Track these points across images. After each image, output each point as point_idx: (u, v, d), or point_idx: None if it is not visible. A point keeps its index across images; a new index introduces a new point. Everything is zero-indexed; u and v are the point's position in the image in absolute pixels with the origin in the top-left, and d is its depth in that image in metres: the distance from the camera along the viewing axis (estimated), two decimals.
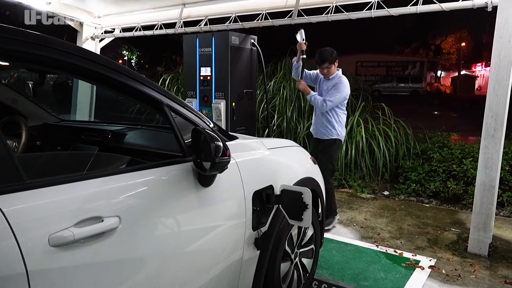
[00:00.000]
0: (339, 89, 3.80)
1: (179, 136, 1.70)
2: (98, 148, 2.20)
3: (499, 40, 3.32)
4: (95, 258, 1.28)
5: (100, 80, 1.54)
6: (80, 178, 1.30)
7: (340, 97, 3.81)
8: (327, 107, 3.81)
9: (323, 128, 3.96)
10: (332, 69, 3.86)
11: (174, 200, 1.60)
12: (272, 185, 2.19)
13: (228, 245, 1.89)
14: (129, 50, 39.53)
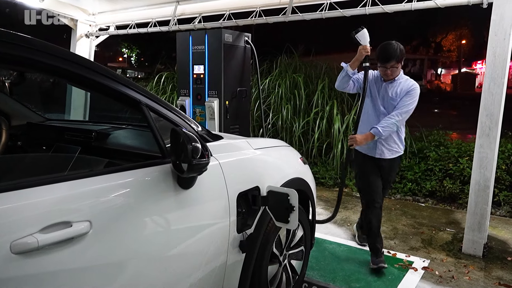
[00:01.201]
0: (414, 96, 2.97)
1: (158, 136, 1.65)
2: (80, 149, 2.14)
3: (494, 38, 3.27)
4: (63, 265, 1.23)
5: (74, 79, 1.48)
6: (48, 181, 1.25)
7: (413, 107, 2.99)
8: (402, 121, 3.02)
9: (391, 144, 3.12)
10: (399, 69, 3.01)
11: (151, 203, 1.55)
12: (258, 186, 2.14)
13: (210, 249, 1.84)
14: (129, 48, 39.48)
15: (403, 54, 2.95)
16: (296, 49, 7.22)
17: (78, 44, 6.55)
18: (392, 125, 2.94)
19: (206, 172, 1.79)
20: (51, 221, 1.20)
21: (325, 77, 6.47)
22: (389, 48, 2.94)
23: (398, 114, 2.96)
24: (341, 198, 3.38)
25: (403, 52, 2.96)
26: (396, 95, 3.01)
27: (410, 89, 2.97)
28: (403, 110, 2.95)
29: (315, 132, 5.91)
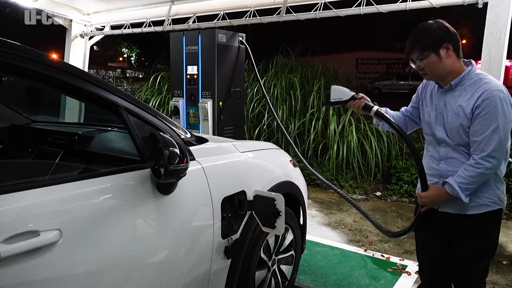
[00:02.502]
0: (497, 114, 1.68)
1: (137, 140, 1.60)
2: (62, 152, 2.09)
3: (489, 38, 3.21)
4: (29, 277, 1.18)
5: (47, 82, 1.43)
6: (12, 189, 1.20)
7: (503, 137, 1.70)
8: (492, 168, 1.74)
9: (477, 191, 1.81)
10: (442, 62, 1.77)
11: (128, 209, 1.50)
12: (244, 190, 2.09)
13: (193, 256, 1.79)
14: (129, 48, 39.45)
15: (441, 36, 1.77)
16: (293, 49, 7.18)
17: (73, 44, 6.51)
18: (477, 177, 1.73)
19: (188, 177, 1.74)
20: (15, 230, 1.15)
21: (321, 78, 6.43)
22: (415, 32, 1.84)
23: (484, 158, 1.70)
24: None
25: (444, 32, 1.78)
26: (462, 111, 1.76)
27: (486, 106, 1.68)
28: (488, 149, 1.69)
29: (311, 133, 5.86)
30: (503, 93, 1.70)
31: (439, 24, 1.82)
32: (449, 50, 1.77)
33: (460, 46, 1.82)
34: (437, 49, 1.77)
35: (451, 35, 1.80)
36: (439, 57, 1.78)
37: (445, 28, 1.81)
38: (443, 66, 1.80)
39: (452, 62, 1.80)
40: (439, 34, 1.79)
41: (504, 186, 1.87)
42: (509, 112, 1.70)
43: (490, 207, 1.82)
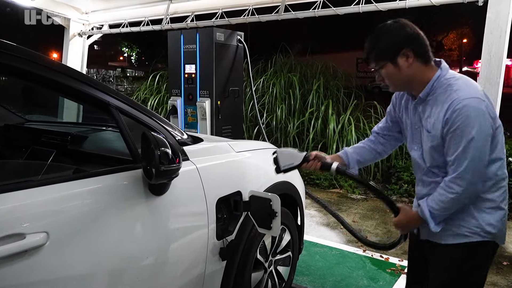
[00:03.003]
0: (467, 130, 1.39)
1: (129, 140, 1.57)
2: (55, 152, 2.06)
3: (489, 36, 3.17)
4: (14, 281, 1.15)
5: (36, 81, 1.40)
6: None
7: (477, 155, 1.40)
8: (464, 192, 1.44)
9: (459, 215, 1.53)
10: (402, 72, 1.51)
11: (119, 211, 1.47)
12: (240, 190, 2.06)
13: (187, 258, 1.76)
14: (129, 47, 39.43)
15: (397, 42, 1.50)
16: (292, 48, 7.15)
17: (71, 43, 6.49)
18: (448, 202, 1.46)
19: (181, 177, 1.71)
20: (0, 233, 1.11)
21: (321, 77, 6.39)
22: (371, 36, 1.58)
23: (453, 181, 1.44)
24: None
25: (401, 36, 1.50)
26: (433, 127, 1.50)
27: (453, 115, 1.41)
28: (458, 170, 1.42)
29: (310, 132, 5.83)
30: (477, 101, 1.39)
31: (396, 26, 1.53)
32: (409, 58, 1.49)
33: (426, 49, 1.53)
34: (394, 58, 1.50)
35: (412, 38, 1.50)
36: (396, 66, 1.50)
37: (403, 30, 1.51)
38: (403, 77, 1.52)
39: (414, 70, 1.51)
40: (395, 39, 1.51)
41: (494, 215, 1.49)
42: (486, 123, 1.38)
43: (468, 238, 1.50)
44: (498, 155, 1.49)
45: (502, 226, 1.53)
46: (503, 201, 1.53)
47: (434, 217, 1.51)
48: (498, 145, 1.47)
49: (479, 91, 1.44)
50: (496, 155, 1.48)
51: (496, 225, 1.50)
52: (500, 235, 1.53)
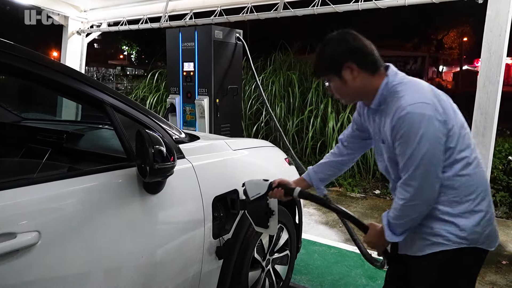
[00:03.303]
0: (412, 138, 1.33)
1: (124, 138, 1.55)
2: (50, 151, 2.04)
3: (489, 34, 3.15)
4: (5, 280, 1.13)
5: (28, 78, 1.39)
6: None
7: (424, 162, 1.34)
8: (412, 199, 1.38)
9: (427, 223, 1.46)
10: (349, 85, 1.48)
11: (113, 209, 1.45)
12: (236, 189, 2.05)
13: (182, 257, 1.74)
14: (129, 45, 39.37)
15: (339, 56, 1.46)
16: (291, 46, 7.12)
17: (70, 41, 6.46)
18: (401, 210, 1.41)
19: (177, 176, 1.70)
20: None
21: None
22: (316, 50, 1.55)
23: (402, 187, 1.41)
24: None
25: (343, 50, 1.46)
26: (386, 137, 1.47)
27: (401, 125, 1.36)
28: (405, 176, 1.39)
29: (309, 130, 5.81)
30: (421, 106, 1.33)
31: (338, 39, 1.49)
32: (354, 71, 1.45)
33: (371, 59, 1.47)
34: (338, 72, 1.46)
35: (354, 51, 1.45)
36: (342, 80, 1.47)
37: (344, 44, 1.46)
38: (351, 89, 1.48)
39: (361, 82, 1.46)
40: (337, 53, 1.47)
41: (470, 219, 1.39)
42: (433, 128, 1.32)
43: (445, 246, 1.41)
44: (461, 155, 1.40)
45: (482, 229, 1.41)
46: (481, 203, 1.41)
47: (393, 226, 1.46)
48: (458, 146, 1.39)
49: (426, 94, 1.38)
50: (459, 156, 1.40)
51: (473, 229, 1.39)
52: (481, 239, 1.41)
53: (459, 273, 1.46)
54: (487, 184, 1.47)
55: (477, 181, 1.42)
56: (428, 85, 1.45)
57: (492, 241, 1.46)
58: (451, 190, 1.40)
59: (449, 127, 1.37)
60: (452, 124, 1.38)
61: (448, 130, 1.37)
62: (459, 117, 1.44)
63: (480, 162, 1.46)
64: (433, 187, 1.37)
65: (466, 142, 1.41)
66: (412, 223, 1.43)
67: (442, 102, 1.39)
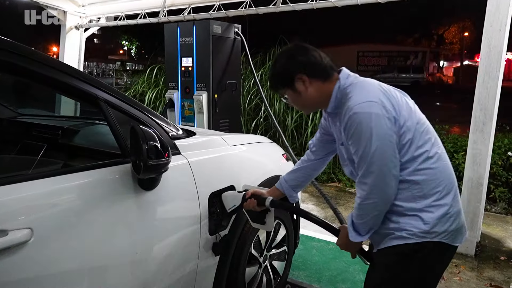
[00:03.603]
0: (362, 137, 1.35)
1: (118, 134, 1.54)
2: (45, 146, 2.03)
3: (489, 29, 3.13)
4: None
5: (19, 73, 1.37)
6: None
7: (376, 160, 1.35)
8: (368, 197, 1.40)
9: (389, 217, 1.46)
10: (304, 95, 1.52)
11: (107, 206, 1.44)
12: (233, 185, 2.04)
13: (178, 253, 1.73)
14: (129, 40, 39.25)
15: (288, 70, 1.51)
16: (291, 41, 7.07)
17: (68, 36, 6.43)
18: (360, 209, 1.44)
19: (173, 172, 1.69)
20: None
21: None
22: (272, 68, 1.63)
23: (358, 185, 1.45)
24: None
25: (291, 64, 1.51)
26: (344, 136, 1.48)
27: (351, 124, 1.37)
28: (359, 175, 1.41)
29: (308, 126, 5.79)
30: (368, 105, 1.34)
31: (286, 55, 1.55)
32: (305, 81, 1.50)
33: (321, 67, 1.51)
34: (291, 85, 1.52)
35: (302, 63, 1.49)
36: (296, 91, 1.52)
37: (292, 57, 1.52)
38: (306, 99, 1.53)
39: (315, 90, 1.51)
40: (286, 68, 1.52)
41: (435, 213, 1.39)
42: (381, 126, 1.33)
43: (406, 240, 1.41)
44: (419, 151, 1.39)
45: (446, 223, 1.39)
46: (445, 197, 1.40)
47: (356, 226, 1.47)
48: (415, 142, 1.39)
49: (373, 93, 1.39)
50: (417, 152, 1.39)
51: (437, 223, 1.38)
52: (445, 233, 1.40)
53: (419, 266, 1.45)
54: (452, 178, 1.46)
55: (439, 175, 1.41)
56: (378, 84, 1.46)
57: (457, 236, 1.45)
58: (414, 185, 1.40)
59: (400, 124, 1.38)
60: (404, 120, 1.38)
61: (399, 127, 1.37)
62: (415, 113, 1.46)
63: (442, 156, 1.45)
64: (387, 184, 1.37)
65: (424, 137, 1.42)
66: (374, 221, 1.45)
67: (392, 99, 1.40)
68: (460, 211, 1.47)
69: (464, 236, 1.50)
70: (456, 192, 1.47)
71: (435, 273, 1.51)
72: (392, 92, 1.45)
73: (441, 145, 1.49)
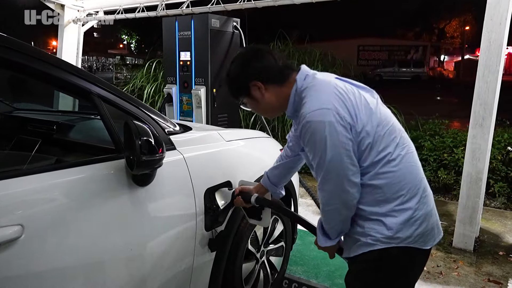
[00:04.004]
0: (316, 145, 1.31)
1: (112, 129, 1.52)
2: (40, 141, 2.01)
3: (489, 22, 3.10)
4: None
5: (11, 67, 1.35)
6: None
7: (331, 167, 1.31)
8: (328, 203, 1.38)
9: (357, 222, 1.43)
10: (263, 101, 1.50)
11: (100, 202, 1.42)
12: (229, 181, 2.02)
13: (173, 250, 1.71)
14: (128, 34, 39.13)
15: (242, 78, 1.48)
16: (290, 35, 7.04)
17: (66, 30, 6.39)
18: (323, 216, 1.44)
19: (168, 167, 1.68)
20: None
21: (319, 64, 6.29)
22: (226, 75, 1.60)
23: (319, 193, 1.40)
24: None
25: (243, 72, 1.48)
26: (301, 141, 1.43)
27: (305, 131, 1.33)
28: (320, 182, 1.37)
29: None
30: (321, 113, 1.29)
31: (239, 62, 1.50)
32: (261, 88, 1.46)
33: (276, 71, 1.45)
34: (248, 93, 1.49)
35: (256, 69, 1.45)
36: (254, 99, 1.50)
37: (245, 65, 1.47)
38: (265, 105, 1.50)
39: (272, 95, 1.47)
40: (241, 76, 1.48)
41: (399, 218, 1.34)
42: (336, 134, 1.27)
43: (372, 246, 1.37)
44: (381, 155, 1.34)
45: (411, 228, 1.35)
46: (410, 200, 1.35)
47: (327, 230, 1.46)
48: (376, 146, 1.33)
49: (327, 99, 1.32)
50: (379, 156, 1.34)
51: (401, 228, 1.34)
52: (411, 238, 1.35)
53: (388, 273, 1.41)
54: (418, 180, 1.39)
55: (403, 178, 1.35)
56: (334, 86, 1.37)
57: (428, 239, 1.39)
58: (376, 190, 1.35)
59: (358, 130, 1.32)
60: (362, 125, 1.32)
61: (357, 133, 1.32)
62: (376, 113, 1.37)
63: (406, 157, 1.38)
64: (346, 191, 1.33)
65: (387, 139, 1.35)
66: (342, 226, 1.43)
67: (348, 103, 1.33)
68: (428, 214, 1.39)
69: (436, 238, 1.43)
70: (424, 194, 1.39)
71: (408, 280, 1.47)
72: (350, 94, 1.36)
73: (408, 144, 1.42)
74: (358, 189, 1.35)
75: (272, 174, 1.84)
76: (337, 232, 1.45)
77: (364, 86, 1.47)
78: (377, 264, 1.39)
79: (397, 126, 1.42)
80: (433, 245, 1.43)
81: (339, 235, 1.47)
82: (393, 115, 1.47)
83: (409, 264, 1.42)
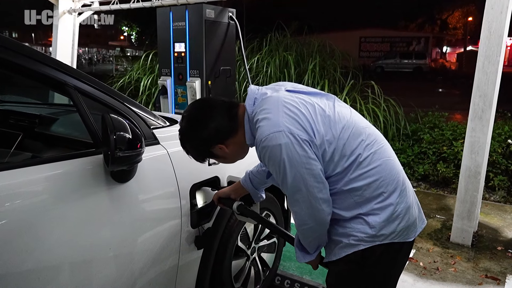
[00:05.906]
0: (277, 169, 1.27)
1: (89, 123, 1.45)
2: (22, 135, 1.95)
3: (490, 11, 3.01)
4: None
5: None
6: None
7: (295, 188, 1.27)
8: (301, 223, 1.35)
9: (334, 226, 1.39)
10: (229, 155, 1.46)
11: (76, 199, 1.36)
12: (217, 176, 1.96)
13: (156, 248, 1.65)
14: (129, 26, 38.91)
15: (201, 146, 1.41)
16: (288, 27, 6.92)
17: (61, 21, 6.28)
18: (302, 234, 1.41)
19: (150, 163, 1.62)
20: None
21: (317, 56, 6.19)
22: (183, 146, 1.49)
23: (292, 214, 1.40)
24: None
25: (199, 145, 1.41)
26: None
27: (261, 155, 1.32)
28: (289, 203, 1.37)
29: None
30: (275, 136, 1.23)
31: (189, 131, 1.40)
32: (221, 148, 1.40)
33: (228, 125, 1.38)
34: (212, 156, 1.45)
35: (210, 135, 1.37)
36: (220, 157, 1.47)
37: (197, 133, 1.38)
38: (233, 155, 1.47)
39: (234, 145, 1.42)
40: (198, 147, 1.43)
41: (381, 215, 1.30)
42: (294, 154, 1.23)
43: (356, 247, 1.32)
44: (349, 160, 1.29)
45: (394, 223, 1.31)
46: (390, 196, 1.30)
47: (305, 245, 1.43)
48: (341, 153, 1.28)
49: (277, 120, 1.25)
50: (347, 163, 1.29)
51: (383, 225, 1.30)
52: (394, 234, 1.31)
53: (372, 272, 1.37)
54: (395, 174, 1.33)
55: (378, 176, 1.30)
56: (283, 104, 1.29)
57: (409, 232, 1.36)
58: (354, 193, 1.30)
59: (317, 143, 1.26)
60: (322, 137, 1.27)
61: (317, 146, 1.26)
62: (335, 119, 1.31)
63: (379, 153, 1.32)
64: (316, 209, 1.28)
65: (352, 143, 1.30)
66: (319, 241, 1.40)
67: (300, 118, 1.27)
68: (409, 206, 1.35)
69: (418, 229, 1.40)
70: (402, 187, 1.34)
71: (392, 275, 1.45)
72: (301, 107, 1.29)
73: (378, 139, 1.36)
74: (328, 204, 1.30)
75: (253, 176, 1.75)
76: (315, 246, 1.42)
77: (318, 92, 1.41)
78: (362, 264, 1.34)
79: (361, 124, 1.36)
80: (415, 236, 1.39)
81: (318, 248, 1.44)
82: (353, 111, 1.40)
83: (392, 261, 1.39)
